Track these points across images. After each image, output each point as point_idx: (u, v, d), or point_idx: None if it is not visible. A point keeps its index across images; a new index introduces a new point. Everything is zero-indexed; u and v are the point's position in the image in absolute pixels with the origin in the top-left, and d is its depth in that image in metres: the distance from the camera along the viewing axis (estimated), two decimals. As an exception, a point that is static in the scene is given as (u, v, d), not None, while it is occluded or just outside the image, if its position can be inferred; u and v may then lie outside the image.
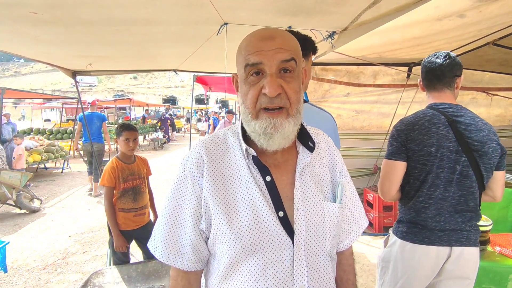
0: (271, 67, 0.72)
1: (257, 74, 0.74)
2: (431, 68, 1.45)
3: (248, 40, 0.76)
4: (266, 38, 0.73)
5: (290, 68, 0.74)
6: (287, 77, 0.74)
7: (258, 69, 0.73)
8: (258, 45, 0.73)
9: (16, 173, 5.04)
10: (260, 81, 0.73)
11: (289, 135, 0.76)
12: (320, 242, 0.77)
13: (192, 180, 0.79)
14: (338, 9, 1.70)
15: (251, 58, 0.73)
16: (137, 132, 2.49)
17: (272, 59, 0.72)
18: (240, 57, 0.76)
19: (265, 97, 0.73)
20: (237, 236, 0.73)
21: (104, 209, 2.39)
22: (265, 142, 0.75)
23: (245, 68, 0.75)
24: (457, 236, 1.38)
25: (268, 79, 0.72)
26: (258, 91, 0.73)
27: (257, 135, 0.76)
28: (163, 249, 0.80)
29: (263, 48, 0.72)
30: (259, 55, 0.72)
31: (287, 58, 0.73)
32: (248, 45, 0.75)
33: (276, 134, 0.74)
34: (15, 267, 3.37)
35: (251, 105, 0.75)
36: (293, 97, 0.74)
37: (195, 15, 1.76)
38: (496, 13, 2.24)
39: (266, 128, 0.73)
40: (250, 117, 0.76)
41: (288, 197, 0.77)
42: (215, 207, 0.75)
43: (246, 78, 0.75)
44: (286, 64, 0.73)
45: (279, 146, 0.76)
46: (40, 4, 1.41)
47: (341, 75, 3.93)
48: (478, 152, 1.35)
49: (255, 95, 0.74)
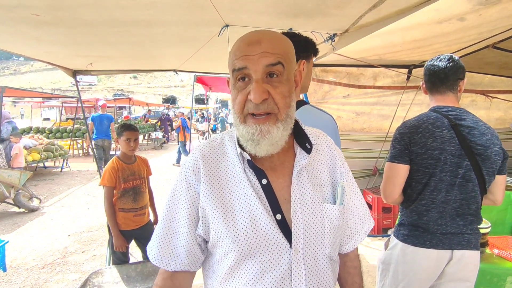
0: (256, 72, 0.71)
1: (243, 80, 0.73)
2: (434, 71, 1.45)
3: (237, 45, 0.75)
4: (253, 43, 0.72)
5: (276, 73, 0.72)
6: (274, 81, 0.72)
7: (244, 74, 0.73)
8: (244, 49, 0.72)
9: (15, 172, 5.03)
10: (247, 87, 0.73)
11: (278, 141, 0.75)
12: (319, 245, 0.77)
13: (187, 185, 0.80)
14: (339, 12, 1.71)
15: (237, 63, 0.72)
16: (138, 132, 2.50)
17: (257, 63, 0.71)
18: (229, 61, 0.76)
19: (251, 103, 0.72)
20: (234, 239, 0.73)
21: (104, 209, 2.39)
22: (253, 148, 0.75)
23: (232, 73, 0.75)
24: (458, 239, 1.38)
25: (253, 85, 0.71)
26: (245, 96, 0.73)
27: (245, 140, 0.76)
28: (156, 252, 0.81)
29: (249, 53, 0.71)
30: (244, 60, 0.71)
31: (273, 62, 0.71)
32: (236, 50, 0.74)
33: (263, 140, 0.73)
34: (14, 266, 3.37)
35: (238, 110, 0.74)
36: (281, 102, 0.72)
37: (196, 16, 1.77)
38: (496, 16, 2.25)
39: (253, 134, 0.73)
40: (238, 121, 0.76)
41: (285, 199, 0.77)
42: (212, 212, 0.76)
43: (235, 83, 0.75)
44: (272, 69, 0.71)
45: (267, 152, 0.75)
46: (42, 6, 1.41)
47: (341, 77, 3.94)
48: (481, 156, 1.35)
49: (242, 100, 0.73)
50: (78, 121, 11.23)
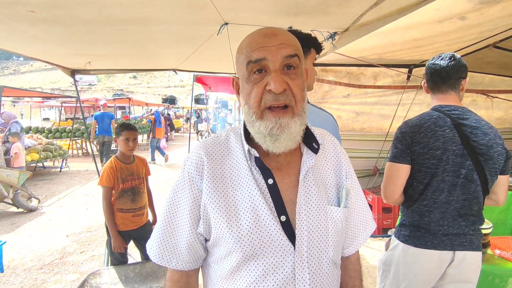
0: (274, 62, 0.70)
1: (259, 72, 0.71)
2: (436, 70, 1.43)
3: (250, 38, 0.74)
4: (269, 35, 0.72)
5: (294, 65, 0.71)
6: (291, 73, 0.71)
7: (261, 66, 0.71)
8: (261, 41, 0.71)
9: (14, 172, 5.01)
10: (264, 79, 0.71)
11: (296, 136, 0.73)
12: (323, 248, 0.75)
13: (190, 182, 0.77)
14: (340, 10, 1.69)
15: (254, 55, 0.71)
16: (136, 132, 2.47)
17: (275, 54, 0.70)
18: (241, 56, 0.74)
19: (270, 94, 0.70)
20: (237, 240, 0.71)
21: (102, 209, 2.37)
22: (271, 144, 0.72)
23: (247, 66, 0.72)
24: (460, 240, 1.36)
25: (272, 74, 0.69)
26: (262, 89, 0.70)
27: (262, 137, 0.73)
28: (157, 250, 0.80)
29: (266, 44, 0.70)
30: (262, 51, 0.70)
31: (291, 54, 0.71)
32: (250, 42, 0.73)
33: (283, 135, 0.70)
34: (11, 266, 3.35)
35: (255, 104, 0.71)
36: (298, 94, 0.71)
37: (195, 15, 1.75)
38: (497, 15, 2.23)
39: (272, 129, 0.70)
40: (254, 118, 0.72)
41: (290, 200, 0.75)
42: (215, 210, 0.74)
43: (249, 76, 0.72)
44: (290, 60, 0.71)
45: (286, 148, 0.73)
46: (39, 3, 1.40)
47: (341, 76, 3.92)
48: (484, 156, 1.33)
49: (259, 93, 0.71)
50: (77, 121, 11.20)
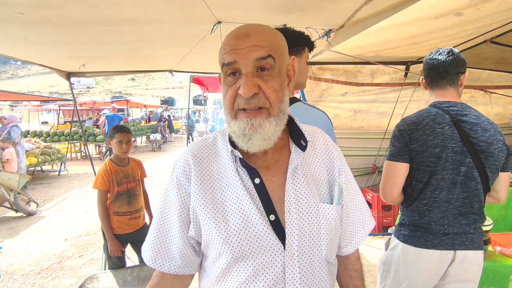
0: (246, 66, 0.69)
1: (234, 75, 0.71)
2: (434, 65, 1.40)
3: (225, 39, 0.74)
4: (241, 36, 0.71)
5: (267, 66, 0.70)
6: (264, 75, 0.70)
7: (234, 69, 0.71)
8: (232, 43, 0.71)
9: (15, 175, 5.00)
10: (237, 82, 0.71)
11: (271, 136, 0.72)
12: (315, 247, 0.74)
13: (178, 186, 0.78)
14: (334, 6, 1.67)
15: (226, 58, 0.71)
16: (130, 135, 2.44)
17: (246, 57, 0.69)
18: (219, 56, 0.74)
19: (241, 98, 0.70)
20: (225, 241, 0.71)
21: (98, 213, 2.34)
22: (245, 144, 0.73)
23: (222, 68, 0.73)
24: (461, 239, 1.34)
25: (243, 79, 0.69)
26: (235, 91, 0.71)
27: (236, 136, 0.74)
28: (150, 253, 0.80)
29: (237, 46, 0.70)
30: (233, 54, 0.70)
31: (263, 56, 0.69)
32: (225, 44, 0.73)
33: (255, 135, 0.71)
34: (9, 272, 3.33)
35: (229, 106, 0.73)
36: (272, 96, 0.70)
37: (187, 13, 1.73)
38: (494, 10, 2.22)
39: (244, 129, 0.71)
40: (229, 117, 0.74)
41: (280, 199, 0.74)
42: (203, 213, 0.74)
43: (225, 78, 0.73)
44: (262, 62, 0.69)
45: (260, 148, 0.73)
46: (27, 4, 1.37)
47: (339, 74, 3.90)
48: (484, 153, 1.30)
49: (233, 96, 0.72)
50: (75, 124, 11.17)
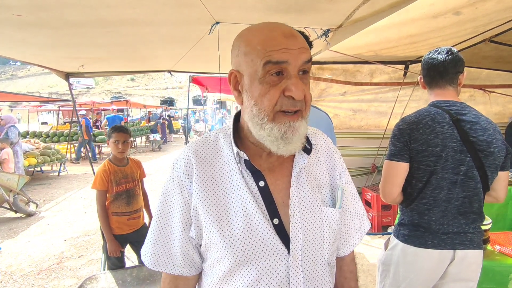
0: (295, 67, 0.66)
1: (277, 74, 0.67)
2: (433, 65, 1.39)
3: (267, 35, 0.67)
4: (289, 36, 0.67)
5: (308, 70, 0.70)
6: (304, 78, 0.69)
7: (281, 69, 0.66)
8: (283, 42, 0.66)
9: (14, 176, 4.99)
10: (282, 82, 0.67)
11: (303, 138, 0.72)
12: (318, 251, 0.73)
13: (180, 186, 0.75)
14: (332, 6, 1.67)
15: (275, 55, 0.65)
16: (127, 135, 2.42)
17: (297, 59, 0.66)
18: (253, 52, 0.67)
19: (287, 99, 0.67)
20: (229, 245, 0.69)
21: (97, 213, 2.34)
22: (284, 147, 0.69)
23: (264, 66, 0.66)
24: (461, 239, 1.33)
25: (293, 80, 0.66)
26: (280, 92, 0.66)
27: (274, 139, 0.69)
28: (151, 256, 0.78)
29: (289, 46, 0.66)
30: (285, 54, 0.65)
31: (309, 59, 0.68)
32: (268, 39, 0.66)
33: (295, 137, 0.69)
34: (9, 272, 3.32)
35: (269, 107, 0.67)
36: (309, 99, 0.70)
37: (185, 14, 1.72)
38: (492, 9, 2.21)
39: (286, 132, 0.68)
40: (266, 120, 0.68)
41: (283, 202, 0.73)
42: (205, 214, 0.71)
43: (264, 76, 0.67)
44: (306, 66, 0.68)
45: (295, 150, 0.72)
46: (24, 6, 1.37)
47: (338, 74, 3.90)
48: (484, 152, 1.30)
49: (276, 96, 0.67)
50: (75, 125, 11.17)
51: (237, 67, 0.72)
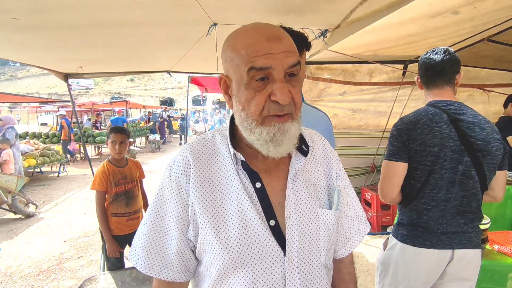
0: (280, 72, 0.65)
1: (262, 80, 0.66)
2: (431, 65, 1.39)
3: (250, 38, 0.66)
4: (273, 39, 0.65)
5: (296, 72, 0.67)
6: (292, 81, 0.67)
7: (265, 74, 0.65)
8: (266, 46, 0.64)
9: (12, 177, 4.98)
10: (267, 87, 0.65)
11: (294, 139, 0.70)
12: (315, 253, 0.73)
13: (177, 186, 0.74)
14: (329, 6, 1.67)
15: (258, 61, 0.64)
16: (125, 136, 2.40)
17: (281, 64, 0.64)
18: (238, 56, 0.66)
19: (274, 104, 0.66)
20: (224, 247, 0.68)
21: (96, 214, 2.34)
22: (274, 149, 0.68)
23: (248, 72, 0.65)
24: (459, 238, 1.34)
25: (278, 85, 0.65)
26: (266, 97, 0.66)
27: (264, 142, 0.68)
28: (145, 260, 0.75)
29: (272, 50, 0.64)
30: (269, 59, 0.64)
31: (295, 63, 0.66)
32: (251, 44, 0.65)
33: (285, 139, 0.67)
34: (8, 273, 3.32)
35: (256, 113, 0.66)
36: (298, 102, 0.68)
37: (183, 16, 1.72)
38: (491, 8, 2.21)
39: (275, 135, 0.67)
40: (254, 125, 0.68)
41: (280, 204, 0.72)
42: (202, 215, 0.71)
43: (249, 82, 0.66)
44: (293, 69, 0.66)
45: (286, 152, 0.70)
46: (21, 9, 1.36)
47: (337, 74, 3.90)
48: (482, 151, 1.30)
49: (262, 101, 0.66)
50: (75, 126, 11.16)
51: (226, 72, 0.72)
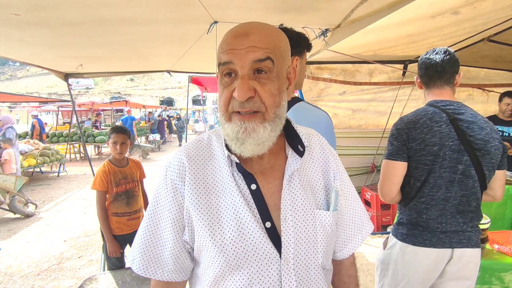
0: (242, 67, 0.66)
1: (229, 75, 0.68)
2: (431, 64, 1.40)
3: (225, 37, 0.70)
4: (240, 35, 0.67)
5: (265, 69, 0.66)
6: (262, 78, 0.67)
7: (230, 69, 0.67)
8: (231, 42, 0.67)
9: (11, 177, 4.97)
10: (233, 83, 0.67)
11: (265, 142, 0.69)
12: (311, 254, 0.72)
13: (173, 188, 0.74)
14: (330, 6, 1.67)
15: (223, 57, 0.67)
16: (126, 136, 2.40)
17: (243, 59, 0.65)
18: (217, 55, 0.71)
19: (236, 101, 0.67)
20: (220, 249, 0.68)
21: (97, 214, 2.34)
22: (238, 148, 0.69)
23: (218, 67, 0.69)
24: (459, 237, 1.34)
25: (239, 81, 0.66)
26: (230, 93, 0.67)
27: (230, 139, 0.70)
28: (140, 261, 0.75)
29: (235, 46, 0.66)
30: (230, 54, 0.66)
31: (261, 58, 0.65)
32: (223, 42, 0.69)
33: (248, 139, 0.67)
34: (9, 273, 3.32)
35: (223, 108, 0.69)
36: (268, 100, 0.67)
37: (183, 14, 1.72)
38: (491, 9, 2.22)
39: (237, 133, 0.67)
40: (224, 120, 0.70)
41: (276, 206, 0.72)
42: (197, 218, 0.71)
43: (221, 78, 0.69)
44: (260, 65, 0.66)
45: (252, 153, 0.69)
46: (22, 5, 1.37)
47: (337, 74, 3.90)
48: (481, 151, 1.31)
49: (228, 97, 0.68)
50: (74, 125, 11.16)
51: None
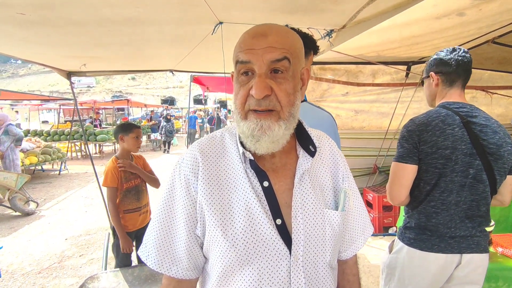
0: (260, 67, 0.68)
1: (246, 74, 0.70)
2: (464, 63, 1.33)
3: (243, 37, 0.73)
4: (259, 35, 0.69)
5: (282, 69, 0.69)
6: (278, 78, 0.69)
7: (248, 69, 0.70)
8: (249, 42, 0.70)
9: (12, 175, 4.98)
10: (250, 81, 0.70)
11: (279, 139, 0.71)
12: (320, 252, 0.74)
13: (186, 184, 0.75)
14: (336, 7, 1.66)
15: (241, 56, 0.70)
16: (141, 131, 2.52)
17: (261, 58, 0.68)
18: (233, 54, 0.73)
19: (253, 99, 0.69)
20: (231, 244, 0.69)
21: (109, 210, 2.35)
22: (253, 145, 0.72)
23: (235, 66, 0.72)
24: (468, 242, 1.32)
25: (256, 79, 0.68)
26: (247, 91, 0.70)
27: (245, 137, 0.72)
28: (155, 257, 0.76)
29: (254, 46, 0.68)
30: (248, 54, 0.69)
31: (278, 58, 0.68)
32: (241, 42, 0.72)
33: (264, 137, 0.69)
34: (10, 271, 3.33)
35: (240, 106, 0.71)
36: (284, 99, 0.69)
37: (188, 14, 1.72)
38: (496, 11, 2.21)
39: (253, 130, 0.69)
40: (239, 118, 0.72)
41: (286, 203, 0.74)
42: (209, 212, 0.72)
43: (237, 77, 0.72)
44: (277, 64, 0.68)
45: (267, 150, 0.72)
46: (27, 5, 1.36)
47: (340, 74, 3.89)
48: (493, 155, 1.28)
49: (244, 95, 0.70)
50: (76, 124, 11.17)
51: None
